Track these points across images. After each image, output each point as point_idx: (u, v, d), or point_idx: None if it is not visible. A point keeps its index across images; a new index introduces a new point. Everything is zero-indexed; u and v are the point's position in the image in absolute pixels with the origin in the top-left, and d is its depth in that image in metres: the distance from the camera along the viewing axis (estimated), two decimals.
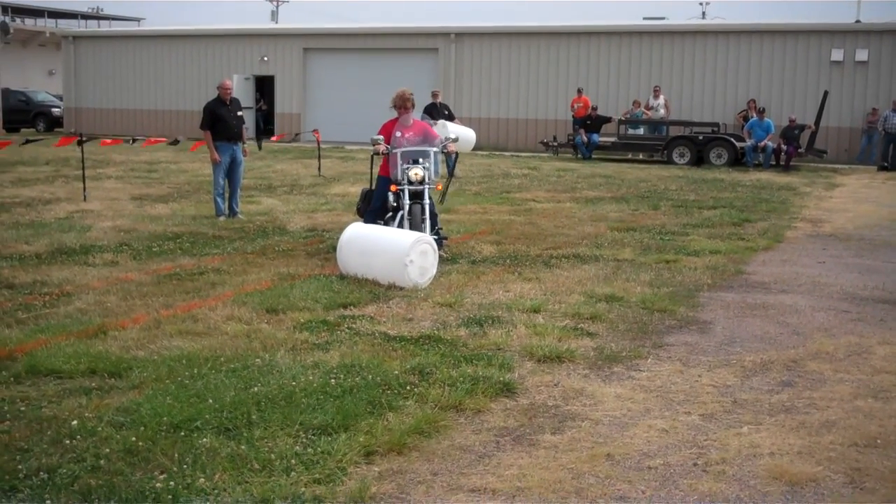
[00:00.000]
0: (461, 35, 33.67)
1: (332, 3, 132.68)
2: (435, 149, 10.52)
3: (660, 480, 4.65)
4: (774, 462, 4.86)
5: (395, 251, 8.99)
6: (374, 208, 10.53)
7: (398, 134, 10.46)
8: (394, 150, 10.36)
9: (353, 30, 36.51)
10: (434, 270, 9.19)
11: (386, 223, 10.21)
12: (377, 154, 10.62)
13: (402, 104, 10.52)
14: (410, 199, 10.16)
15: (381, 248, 9.24)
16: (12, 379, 5.89)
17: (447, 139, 11.17)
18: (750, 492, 4.53)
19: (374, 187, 10.87)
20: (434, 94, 22.16)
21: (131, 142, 18.52)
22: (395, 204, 10.22)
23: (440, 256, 10.25)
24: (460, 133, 17.73)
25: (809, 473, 4.71)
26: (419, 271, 8.98)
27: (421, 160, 10.30)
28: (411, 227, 9.88)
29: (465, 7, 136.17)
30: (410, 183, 10.14)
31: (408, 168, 10.17)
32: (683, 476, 4.70)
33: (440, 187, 10.72)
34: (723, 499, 4.45)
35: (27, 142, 17.62)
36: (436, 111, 21.29)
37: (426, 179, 10.21)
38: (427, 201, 10.20)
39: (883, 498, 4.46)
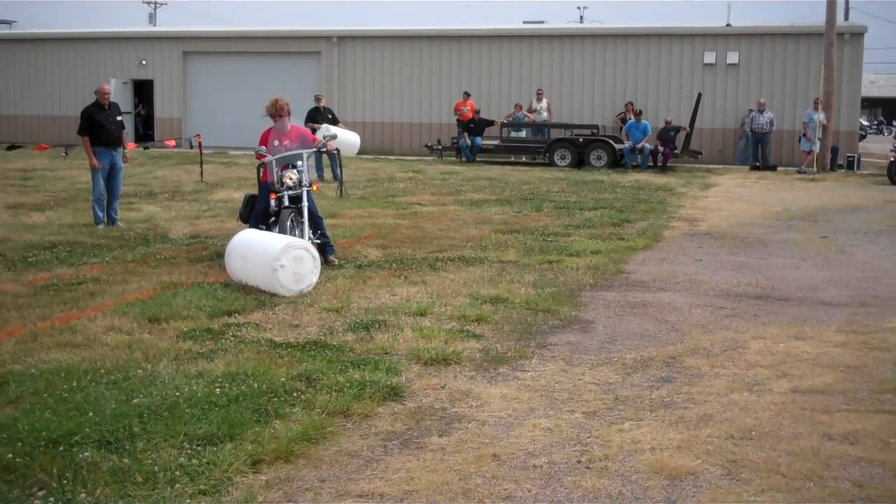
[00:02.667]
0: (343, 38, 33.58)
1: (213, 4, 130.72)
2: (307, 151, 10.56)
3: (545, 479, 4.74)
4: (655, 457, 5.00)
5: (266, 256, 8.84)
6: (258, 212, 10.46)
7: (276, 142, 10.51)
8: (269, 158, 10.37)
9: (234, 33, 36.04)
10: (314, 277, 9.02)
11: (268, 228, 10.15)
12: (262, 165, 10.58)
13: (277, 112, 10.47)
14: (291, 203, 10.16)
15: (255, 252, 9.11)
16: None
17: (326, 138, 11.23)
18: (632, 487, 4.65)
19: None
20: (317, 98, 22.07)
21: (5, 148, 17.72)
22: (276, 209, 10.20)
23: (332, 262, 10.24)
24: (345, 137, 17.72)
25: (688, 467, 4.87)
26: (293, 277, 8.80)
27: (297, 164, 10.34)
28: (280, 232, 9.80)
29: (347, 10, 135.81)
30: (288, 188, 10.15)
31: (282, 173, 10.19)
32: (568, 473, 4.80)
33: (317, 188, 10.74)
34: (606, 495, 4.56)
35: None
36: (319, 115, 21.21)
37: (302, 182, 10.23)
38: (305, 204, 10.19)
39: (758, 488, 4.64)
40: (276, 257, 8.71)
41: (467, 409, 5.82)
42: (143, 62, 35.63)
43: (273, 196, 10.22)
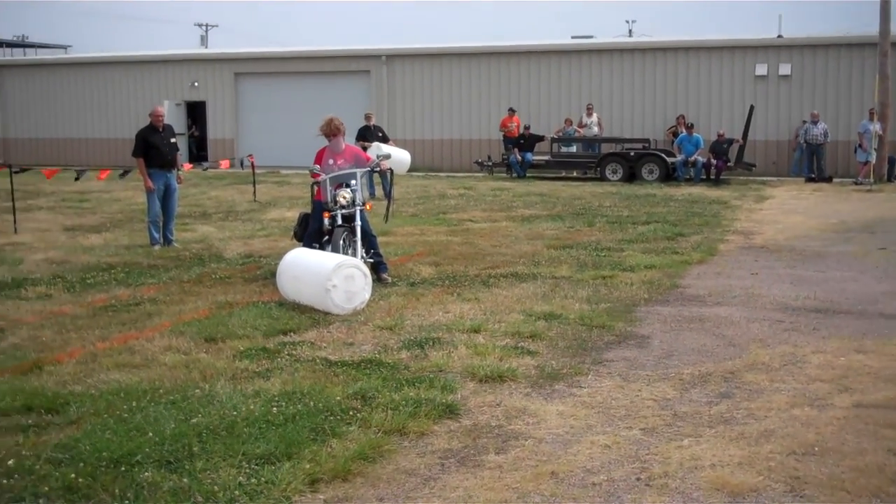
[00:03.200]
0: (392, 57, 33.75)
1: (263, 26, 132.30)
2: (361, 170, 10.51)
3: (604, 496, 4.69)
4: (716, 474, 4.93)
5: (317, 276, 8.88)
6: (311, 232, 10.52)
7: (330, 161, 10.54)
8: (323, 177, 10.41)
9: (284, 53, 36.39)
10: (366, 295, 9.07)
11: (321, 247, 10.21)
12: (316, 184, 10.66)
13: (332, 131, 10.53)
14: (343, 223, 10.20)
15: (307, 272, 9.15)
16: None
17: (379, 157, 11.16)
18: None
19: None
20: (367, 117, 22.18)
21: (77, 177, 17.70)
22: (329, 228, 10.25)
23: (385, 281, 10.26)
24: (397, 155, 17.76)
25: (750, 484, 4.79)
26: (345, 296, 8.83)
27: (350, 183, 10.34)
28: (333, 251, 9.83)
29: (396, 29, 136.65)
30: (341, 207, 10.17)
31: (336, 193, 10.24)
32: (627, 491, 4.75)
33: (370, 207, 10.68)
34: None
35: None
36: (369, 133, 21.30)
37: (355, 201, 10.24)
38: (358, 223, 10.20)
39: None
40: (327, 277, 8.76)
41: (524, 426, 5.79)
42: (196, 84, 36.10)
43: (326, 215, 10.27)
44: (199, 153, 35.88)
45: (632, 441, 5.49)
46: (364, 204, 10.39)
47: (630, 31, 75.20)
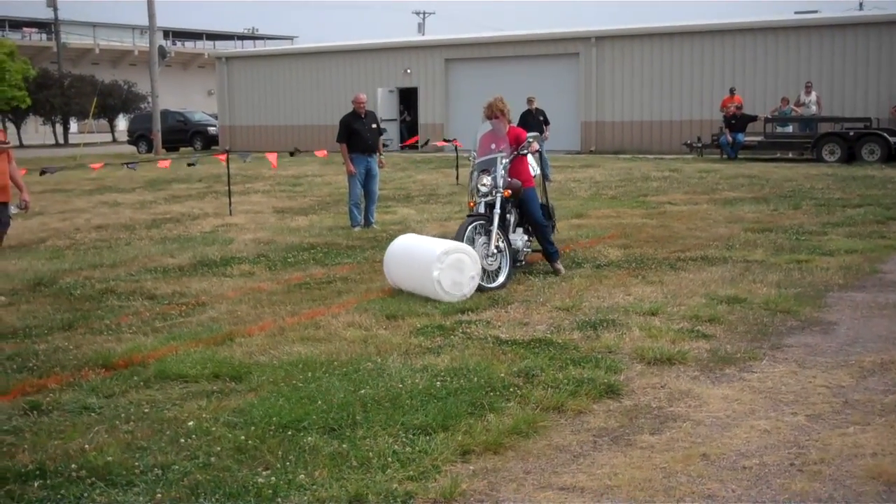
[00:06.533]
0: (602, 38, 33.52)
1: (476, 11, 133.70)
2: (501, 155, 9.81)
3: (752, 480, 4.62)
4: (875, 462, 4.76)
5: (423, 262, 8.68)
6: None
7: (493, 146, 9.98)
8: (473, 164, 10.13)
9: (493, 38, 36.80)
10: (475, 282, 8.81)
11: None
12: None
13: (493, 113, 10.07)
14: (487, 211, 9.68)
15: (414, 259, 8.93)
16: (142, 383, 6.28)
17: (529, 141, 10.16)
18: (844, 491, 4.45)
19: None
20: (529, 101, 22.03)
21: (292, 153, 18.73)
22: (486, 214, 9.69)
23: (559, 271, 9.95)
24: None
25: None
26: (451, 284, 8.63)
27: (490, 169, 9.80)
28: (456, 239, 9.30)
29: (606, 10, 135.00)
30: (483, 195, 9.72)
31: (479, 180, 9.81)
32: (777, 476, 4.66)
33: (508, 194, 9.76)
34: (814, 498, 4.39)
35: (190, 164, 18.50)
36: (531, 118, 21.23)
37: (493, 188, 9.67)
38: (497, 211, 9.56)
39: None
40: (430, 265, 8.54)
41: (685, 408, 5.74)
42: (408, 70, 37.06)
43: (471, 204, 9.93)
44: (411, 138, 36.86)
45: (794, 427, 5.35)
46: (504, 190, 9.66)
47: (861, 3, 71.41)
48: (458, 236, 9.34)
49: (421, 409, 5.55)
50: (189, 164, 18.98)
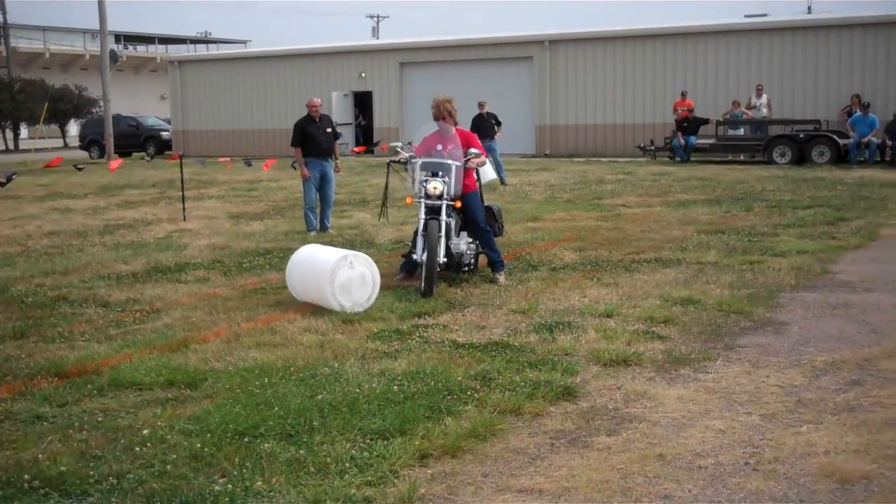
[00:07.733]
0: (555, 42, 33.69)
1: (431, 14, 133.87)
2: (455, 163, 9.57)
3: (708, 479, 4.67)
4: (828, 460, 4.83)
5: (318, 272, 8.51)
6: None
7: (439, 147, 9.75)
8: (413, 160, 9.83)
9: (448, 42, 36.84)
10: (371, 290, 8.62)
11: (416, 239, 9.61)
12: (397, 162, 10.26)
13: (439, 114, 9.85)
14: (427, 215, 9.43)
15: (311, 268, 8.70)
16: (96, 391, 6.21)
17: (476, 153, 9.84)
18: (798, 490, 4.52)
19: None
20: (480, 105, 22.04)
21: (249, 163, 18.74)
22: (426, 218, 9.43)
23: (498, 281, 9.69)
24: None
25: (863, 471, 4.67)
26: (341, 291, 8.40)
27: (441, 173, 9.50)
28: (427, 245, 9.12)
29: (558, 13, 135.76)
30: (428, 197, 9.44)
31: (426, 181, 9.47)
32: (733, 475, 4.71)
33: (459, 205, 9.66)
34: (769, 497, 4.45)
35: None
36: (483, 121, 21.27)
37: (444, 194, 9.40)
38: (443, 217, 9.37)
39: None
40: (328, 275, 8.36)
41: (641, 409, 5.79)
42: (363, 74, 37.00)
43: (409, 201, 9.86)
44: (366, 142, 36.78)
45: (748, 426, 5.42)
46: (454, 200, 9.50)
47: (809, 7, 72.44)
48: (431, 244, 9.07)
49: (378, 414, 5.54)
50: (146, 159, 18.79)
